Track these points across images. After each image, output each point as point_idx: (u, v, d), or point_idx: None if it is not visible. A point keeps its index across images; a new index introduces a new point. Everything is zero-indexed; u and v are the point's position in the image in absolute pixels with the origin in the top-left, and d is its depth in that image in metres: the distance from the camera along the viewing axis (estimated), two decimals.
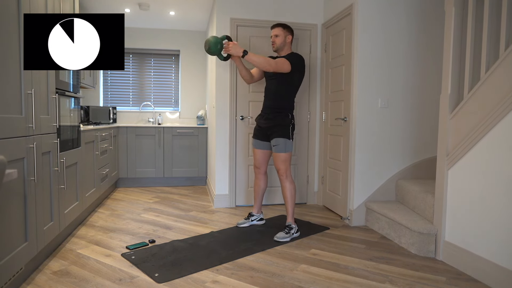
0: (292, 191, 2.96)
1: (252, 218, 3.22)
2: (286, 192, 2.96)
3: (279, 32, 3.02)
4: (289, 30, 3.06)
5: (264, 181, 3.22)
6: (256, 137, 3.16)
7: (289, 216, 2.97)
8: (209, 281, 2.11)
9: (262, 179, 3.21)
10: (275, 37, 3.03)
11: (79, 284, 2.05)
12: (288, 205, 2.97)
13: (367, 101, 3.19)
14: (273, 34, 3.04)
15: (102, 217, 3.45)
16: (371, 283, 2.11)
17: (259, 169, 3.19)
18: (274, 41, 3.04)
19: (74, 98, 2.92)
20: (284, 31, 3.02)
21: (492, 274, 2.08)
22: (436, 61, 3.28)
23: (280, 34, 3.01)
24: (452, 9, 2.44)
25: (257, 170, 3.21)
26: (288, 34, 3.05)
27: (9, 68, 1.81)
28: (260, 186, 3.22)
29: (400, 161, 3.29)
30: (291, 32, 3.07)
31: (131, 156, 4.89)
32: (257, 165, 3.19)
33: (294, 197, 2.97)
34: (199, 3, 4.29)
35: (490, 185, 2.13)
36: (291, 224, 2.94)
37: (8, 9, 1.80)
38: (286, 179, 2.96)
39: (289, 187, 2.95)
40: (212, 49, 2.92)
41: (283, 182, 2.97)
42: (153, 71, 5.55)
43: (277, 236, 2.84)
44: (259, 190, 3.23)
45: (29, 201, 2.01)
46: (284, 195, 2.98)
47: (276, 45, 3.03)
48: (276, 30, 3.03)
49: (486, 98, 2.18)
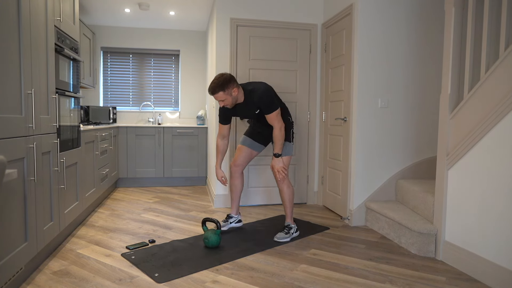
0: (290, 194, 2.93)
1: (231, 220, 3.10)
2: (284, 195, 2.92)
3: (222, 96, 2.66)
4: (228, 84, 2.64)
5: (241, 180, 3.09)
6: (251, 136, 3.07)
7: (288, 217, 2.96)
8: (209, 281, 2.11)
9: (240, 178, 3.08)
10: (222, 102, 2.71)
11: (79, 284, 2.05)
12: (287, 207, 2.95)
13: (367, 101, 3.19)
14: (218, 100, 2.71)
15: (102, 217, 3.45)
16: (371, 283, 2.11)
17: (238, 168, 3.05)
18: (225, 104, 2.72)
19: (74, 98, 2.92)
20: (225, 92, 2.65)
21: (492, 274, 2.08)
22: (436, 61, 3.28)
23: (226, 97, 2.67)
24: (452, 9, 2.44)
25: (236, 168, 3.06)
26: (232, 88, 2.66)
27: (9, 68, 1.81)
28: (238, 186, 3.08)
29: (400, 161, 3.29)
30: (230, 82, 2.65)
31: (131, 156, 4.89)
32: (238, 163, 3.05)
33: (292, 200, 2.95)
34: (199, 3, 4.29)
35: (490, 185, 2.13)
36: (290, 224, 2.93)
37: (8, 9, 1.80)
38: (284, 183, 2.89)
39: (287, 191, 2.91)
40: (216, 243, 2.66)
41: (280, 185, 2.90)
42: (153, 71, 5.55)
43: (277, 236, 2.84)
44: (237, 190, 3.09)
45: (29, 201, 2.01)
46: (282, 198, 2.95)
47: (230, 104, 2.73)
48: (218, 96, 2.67)
49: (486, 98, 2.18)
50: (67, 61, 2.75)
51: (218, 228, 2.66)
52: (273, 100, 2.74)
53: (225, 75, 2.67)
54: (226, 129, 2.96)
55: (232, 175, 3.09)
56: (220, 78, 2.65)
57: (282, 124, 2.78)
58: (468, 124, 2.31)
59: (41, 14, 2.22)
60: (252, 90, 2.76)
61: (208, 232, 2.64)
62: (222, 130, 2.97)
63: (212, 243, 2.62)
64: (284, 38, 3.90)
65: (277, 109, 2.75)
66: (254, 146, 3.07)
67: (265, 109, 2.75)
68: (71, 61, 2.86)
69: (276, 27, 3.87)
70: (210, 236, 2.61)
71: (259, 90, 2.73)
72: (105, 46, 5.35)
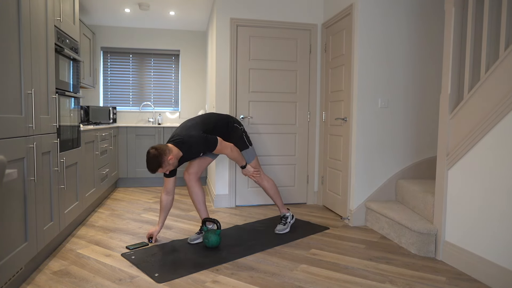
0: (273, 187, 3.04)
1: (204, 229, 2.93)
2: (268, 190, 3.05)
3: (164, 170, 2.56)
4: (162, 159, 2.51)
5: (199, 187, 2.90)
6: None
7: (280, 207, 3.08)
8: (209, 281, 2.11)
9: (197, 186, 2.89)
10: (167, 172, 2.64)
11: (79, 284, 2.05)
12: (275, 199, 3.07)
13: (367, 101, 3.20)
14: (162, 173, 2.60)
15: (102, 217, 3.45)
16: (371, 283, 2.11)
17: (192, 176, 2.87)
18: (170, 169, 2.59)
19: (74, 98, 2.92)
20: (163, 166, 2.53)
21: (492, 274, 2.08)
22: (436, 61, 3.28)
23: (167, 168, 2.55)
24: (452, 9, 2.44)
25: (190, 176, 2.87)
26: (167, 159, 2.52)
27: (9, 68, 1.81)
28: (198, 193, 2.89)
29: (400, 161, 3.29)
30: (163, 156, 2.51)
31: (131, 156, 4.89)
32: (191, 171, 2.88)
33: (277, 191, 3.06)
34: (199, 3, 4.29)
35: (490, 185, 2.13)
36: (286, 214, 3.06)
37: (8, 9, 1.80)
38: (263, 180, 3.02)
39: (268, 185, 3.03)
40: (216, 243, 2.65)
41: (261, 184, 3.03)
42: (153, 71, 5.55)
43: (277, 229, 2.98)
44: (199, 198, 2.90)
45: (29, 201, 2.01)
46: (267, 193, 3.07)
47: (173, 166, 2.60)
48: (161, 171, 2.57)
49: (486, 98, 2.18)
50: (67, 61, 2.75)
51: (218, 228, 2.66)
52: (206, 142, 2.64)
53: (155, 152, 2.50)
54: (172, 183, 2.76)
55: (188, 184, 2.90)
56: (153, 159, 2.50)
57: (230, 146, 2.76)
58: (468, 124, 2.31)
59: (41, 14, 2.22)
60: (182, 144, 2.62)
61: (208, 232, 2.64)
62: (167, 184, 2.75)
63: (212, 243, 2.62)
64: (284, 38, 3.90)
65: (217, 142, 2.67)
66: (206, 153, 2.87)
67: (206, 151, 2.70)
68: (71, 61, 2.86)
69: (276, 27, 3.87)
70: (210, 236, 2.61)
71: (188, 143, 2.61)
72: (105, 46, 5.35)
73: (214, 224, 2.95)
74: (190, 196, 2.91)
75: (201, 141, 2.64)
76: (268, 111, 3.91)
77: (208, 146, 2.67)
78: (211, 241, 2.61)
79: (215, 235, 2.62)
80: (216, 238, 2.62)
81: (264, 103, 3.89)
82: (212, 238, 2.61)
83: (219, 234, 2.65)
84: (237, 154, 2.83)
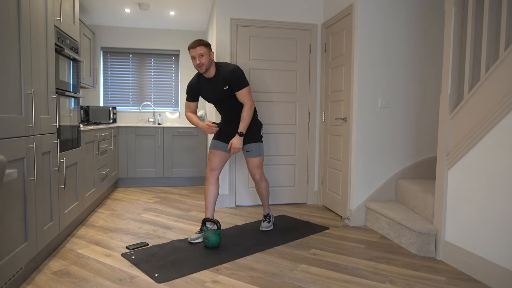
0: (268, 188, 3.13)
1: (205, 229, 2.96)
2: (263, 190, 3.10)
3: (203, 50, 2.66)
4: (209, 45, 2.72)
5: (216, 186, 2.91)
6: (220, 139, 2.94)
7: (266, 206, 3.18)
8: (209, 281, 2.11)
9: (215, 184, 2.90)
10: (201, 57, 2.66)
11: (79, 284, 2.05)
12: (265, 199, 3.15)
13: (367, 101, 3.20)
14: (197, 54, 2.65)
15: (102, 217, 3.45)
16: (371, 283, 2.11)
17: (214, 172, 2.89)
18: (201, 63, 2.67)
19: (74, 98, 2.92)
20: (207, 48, 2.68)
21: (492, 274, 2.08)
22: (436, 61, 3.28)
23: (205, 53, 2.67)
24: (452, 9, 2.44)
25: (213, 173, 2.89)
26: (211, 50, 2.72)
27: (9, 68, 1.81)
28: (213, 192, 2.89)
29: (400, 161, 3.29)
30: (210, 46, 2.74)
31: (131, 156, 4.89)
32: (214, 167, 2.90)
33: (268, 191, 3.16)
34: (199, 3, 4.29)
35: (490, 185, 2.13)
36: (269, 212, 3.19)
37: (8, 9, 1.80)
38: (262, 181, 3.05)
39: (265, 186, 3.10)
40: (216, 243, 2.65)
41: (259, 184, 3.06)
42: (153, 71, 5.55)
43: (262, 226, 3.09)
44: (212, 196, 2.89)
45: (29, 201, 2.01)
46: (261, 192, 3.12)
47: (205, 66, 2.69)
48: (200, 49, 2.65)
49: (486, 98, 2.18)
50: (67, 61, 2.75)
51: (218, 228, 2.66)
52: (244, 76, 2.79)
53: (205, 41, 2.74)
54: (194, 106, 2.97)
55: (208, 181, 2.90)
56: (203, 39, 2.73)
57: (252, 103, 2.83)
58: (468, 124, 2.31)
59: (41, 14, 2.22)
60: (222, 66, 2.80)
61: (208, 232, 2.64)
62: (190, 106, 2.96)
63: (212, 243, 2.62)
64: (284, 38, 3.90)
65: (248, 86, 2.81)
66: (226, 148, 2.93)
67: (236, 84, 2.77)
68: (71, 61, 2.86)
69: (276, 27, 3.87)
70: (210, 236, 2.62)
71: (231, 66, 2.79)
72: (105, 46, 5.35)
73: (214, 224, 2.95)
74: (204, 192, 2.92)
75: (238, 69, 2.78)
76: (268, 111, 3.91)
77: (241, 78, 2.77)
78: (211, 241, 2.61)
79: (215, 235, 2.62)
80: (216, 238, 2.62)
81: (264, 103, 3.90)
82: (212, 238, 2.61)
83: (219, 234, 2.65)
84: (250, 115, 2.83)
